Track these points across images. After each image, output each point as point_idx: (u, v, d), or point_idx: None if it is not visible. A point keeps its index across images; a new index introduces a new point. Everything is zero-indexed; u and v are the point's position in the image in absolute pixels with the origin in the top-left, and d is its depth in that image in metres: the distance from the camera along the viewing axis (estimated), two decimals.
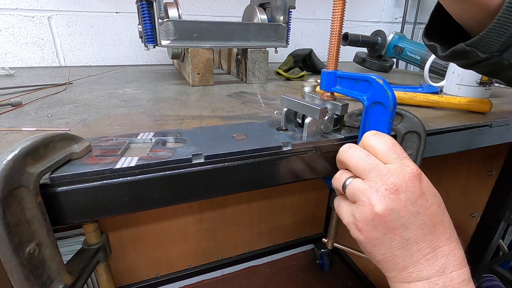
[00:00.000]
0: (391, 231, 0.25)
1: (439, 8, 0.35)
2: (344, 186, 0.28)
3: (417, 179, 0.25)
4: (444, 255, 0.25)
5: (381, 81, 0.28)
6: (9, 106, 0.44)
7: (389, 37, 0.87)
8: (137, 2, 0.56)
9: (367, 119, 0.30)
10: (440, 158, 0.86)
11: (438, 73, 0.77)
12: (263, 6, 0.72)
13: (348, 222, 0.28)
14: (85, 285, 0.93)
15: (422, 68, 0.76)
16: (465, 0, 0.29)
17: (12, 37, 0.85)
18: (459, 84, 0.59)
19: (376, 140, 0.27)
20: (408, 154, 0.32)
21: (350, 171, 0.29)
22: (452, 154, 0.67)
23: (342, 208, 0.29)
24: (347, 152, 0.29)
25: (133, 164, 0.24)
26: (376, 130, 0.29)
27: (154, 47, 0.57)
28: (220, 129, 0.34)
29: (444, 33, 0.35)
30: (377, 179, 0.26)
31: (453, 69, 0.60)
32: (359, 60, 0.95)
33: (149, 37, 0.56)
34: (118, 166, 0.24)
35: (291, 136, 0.32)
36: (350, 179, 0.28)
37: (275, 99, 0.53)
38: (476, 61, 0.31)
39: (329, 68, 0.32)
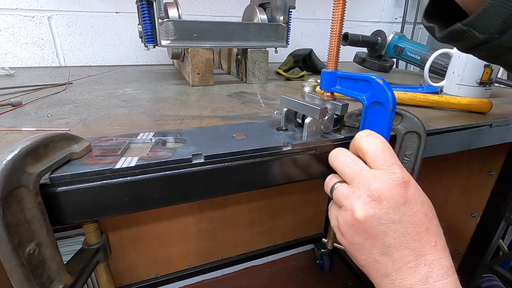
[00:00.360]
0: (371, 237, 0.25)
1: None
2: (331, 190, 0.29)
3: (401, 187, 0.25)
4: (428, 264, 0.25)
5: (380, 81, 0.28)
6: (9, 106, 0.44)
7: (389, 37, 0.87)
8: (137, 2, 0.56)
9: (367, 119, 0.30)
10: (440, 158, 0.86)
11: (438, 73, 0.77)
12: (263, 6, 0.72)
13: (333, 225, 0.29)
14: (85, 285, 0.93)
15: (422, 68, 0.76)
16: None
17: (12, 37, 0.85)
18: (459, 84, 0.59)
19: (367, 142, 0.27)
20: (408, 154, 0.32)
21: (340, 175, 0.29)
22: (452, 154, 0.67)
23: (331, 211, 0.30)
24: (335, 157, 0.29)
25: (133, 164, 0.24)
26: (375, 130, 0.29)
27: (154, 47, 0.57)
28: (220, 129, 0.34)
29: (444, 15, 0.34)
30: (360, 185, 0.26)
31: (453, 69, 0.60)
32: (359, 60, 0.95)
33: (149, 37, 0.56)
34: (118, 166, 0.24)
35: (291, 136, 0.32)
36: (338, 184, 0.28)
37: (275, 99, 0.53)
38: (474, 43, 0.30)
39: (329, 68, 0.32)
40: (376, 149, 0.26)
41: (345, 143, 0.33)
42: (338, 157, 0.29)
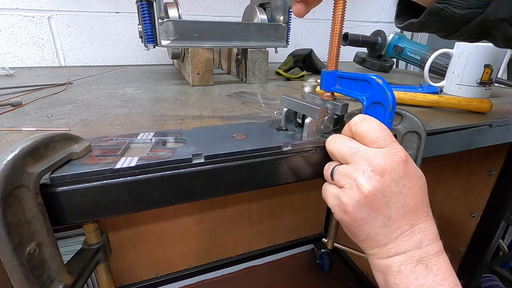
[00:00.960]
0: (375, 210, 0.26)
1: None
2: (332, 174, 0.29)
3: (401, 161, 0.26)
4: (421, 231, 0.27)
5: (380, 81, 0.28)
6: (9, 106, 0.44)
7: (389, 37, 0.87)
8: (137, 2, 0.56)
9: None
10: (440, 158, 0.86)
11: (438, 73, 0.77)
12: (263, 6, 0.72)
13: (333, 205, 0.29)
14: (85, 285, 0.93)
15: (422, 68, 0.76)
16: None
17: (12, 37, 0.85)
18: (459, 84, 0.59)
19: (365, 126, 0.28)
20: (408, 154, 0.32)
21: (338, 160, 0.30)
22: (452, 154, 0.67)
23: (328, 191, 0.30)
24: (331, 142, 0.30)
25: (133, 164, 0.24)
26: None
27: (154, 47, 0.57)
28: (220, 129, 0.34)
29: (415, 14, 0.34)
30: (362, 161, 0.27)
31: (453, 69, 0.60)
32: (359, 60, 0.95)
33: (149, 37, 0.56)
34: (118, 166, 0.24)
35: (291, 136, 0.32)
36: (337, 166, 0.29)
37: (275, 99, 0.53)
38: (456, 24, 0.29)
39: (329, 68, 0.32)
40: (375, 131, 0.27)
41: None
42: (335, 140, 0.29)
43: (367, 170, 0.26)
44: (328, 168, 0.30)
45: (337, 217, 0.29)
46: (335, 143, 0.29)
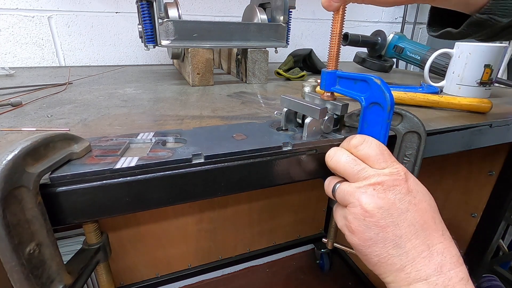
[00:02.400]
0: (383, 229, 0.26)
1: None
2: (333, 191, 0.29)
3: (402, 178, 0.26)
4: (440, 253, 0.25)
5: (378, 82, 0.28)
6: (9, 106, 0.44)
7: (389, 37, 0.87)
8: (137, 2, 0.56)
9: (365, 119, 0.30)
10: (440, 158, 0.86)
11: (438, 73, 0.77)
12: (263, 6, 0.72)
13: (341, 226, 0.29)
14: (85, 285, 0.93)
15: (422, 68, 0.76)
16: None
17: (12, 37, 0.85)
18: (459, 84, 0.59)
19: (367, 149, 0.28)
20: (408, 154, 0.32)
21: (339, 175, 0.30)
22: (452, 154, 0.67)
23: (336, 212, 0.30)
24: (334, 158, 0.29)
25: (133, 164, 0.24)
26: (373, 131, 0.29)
27: (154, 47, 0.57)
28: (220, 129, 0.34)
29: (449, 23, 0.35)
30: (364, 181, 0.27)
31: (453, 69, 0.60)
32: (359, 60, 0.95)
33: (149, 37, 0.56)
34: (118, 166, 0.24)
35: (291, 136, 0.32)
36: (339, 184, 0.29)
37: (275, 99, 0.53)
38: (498, 30, 0.29)
39: (329, 68, 0.32)
40: (377, 153, 0.27)
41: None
42: (337, 157, 0.29)
43: (369, 189, 0.26)
44: (328, 184, 0.30)
45: (348, 239, 0.29)
46: (340, 160, 0.29)
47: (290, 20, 0.67)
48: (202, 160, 0.27)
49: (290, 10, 0.65)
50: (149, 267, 1.07)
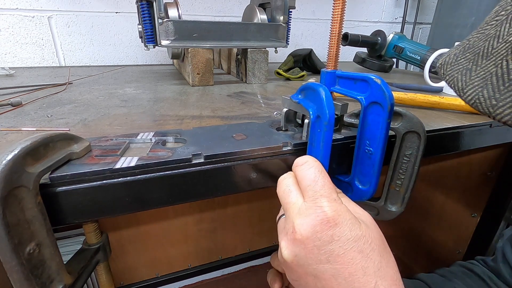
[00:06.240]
0: (303, 277, 0.24)
1: None
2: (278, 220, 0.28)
3: (326, 223, 0.22)
4: None
5: (379, 81, 0.28)
6: (9, 106, 0.44)
7: (389, 37, 0.87)
8: (137, 2, 0.56)
9: (365, 119, 0.30)
10: (440, 158, 0.86)
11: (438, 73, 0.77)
12: (263, 6, 0.72)
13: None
14: (85, 285, 0.93)
15: (422, 68, 0.76)
16: None
17: (12, 37, 0.85)
18: None
19: (301, 172, 0.25)
20: (408, 154, 0.32)
21: None
22: (452, 154, 0.67)
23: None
24: (279, 185, 0.27)
25: (133, 164, 0.24)
26: (373, 131, 0.29)
27: (154, 47, 0.57)
28: (220, 129, 0.34)
29: None
30: (289, 220, 0.24)
31: None
32: (359, 60, 0.95)
33: (149, 37, 0.56)
34: (118, 166, 0.24)
35: (291, 136, 0.32)
36: (282, 216, 0.28)
37: (275, 99, 0.53)
38: None
39: (329, 68, 0.32)
40: (309, 179, 0.25)
41: (345, 143, 0.33)
42: (280, 185, 0.27)
43: (289, 231, 0.24)
44: (280, 211, 0.29)
45: None
46: (280, 189, 0.27)
47: (290, 20, 0.67)
48: (202, 160, 0.27)
49: (290, 10, 0.65)
50: (149, 267, 1.07)
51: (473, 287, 0.39)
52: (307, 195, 0.24)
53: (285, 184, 0.27)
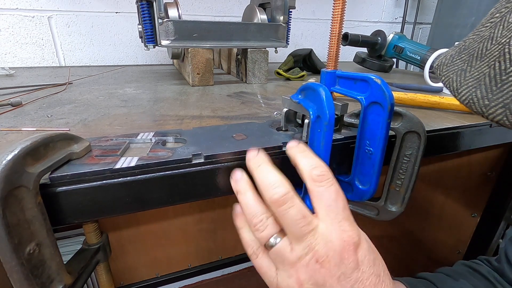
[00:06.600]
0: None
1: None
2: (268, 245, 0.24)
3: (353, 248, 0.22)
4: None
5: (379, 81, 0.28)
6: (9, 106, 0.44)
7: (389, 37, 0.87)
8: (137, 2, 0.56)
9: (365, 119, 0.30)
10: (440, 158, 0.86)
11: None
12: (263, 6, 0.72)
13: (269, 282, 0.26)
14: (85, 285, 0.93)
15: (422, 68, 0.76)
16: None
17: (12, 37, 0.85)
18: None
19: (321, 189, 0.23)
20: (408, 154, 0.32)
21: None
22: (452, 154, 0.67)
23: (262, 261, 0.26)
24: (284, 208, 0.22)
25: (133, 164, 0.24)
26: (373, 131, 0.29)
27: (154, 47, 0.57)
28: (220, 129, 0.34)
29: None
30: (306, 249, 0.22)
31: None
32: (359, 60, 0.95)
33: (149, 37, 0.56)
34: (118, 166, 0.24)
35: (291, 136, 0.32)
36: (278, 239, 0.24)
37: (275, 99, 0.53)
38: None
39: (329, 68, 0.32)
40: (329, 198, 0.23)
41: (345, 143, 0.33)
42: (286, 207, 0.22)
43: (312, 261, 0.22)
44: (262, 233, 0.25)
45: None
46: (287, 212, 0.23)
47: (290, 20, 0.67)
48: (202, 160, 0.27)
49: (290, 10, 0.65)
50: (149, 267, 1.07)
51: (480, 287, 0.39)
52: (329, 217, 0.22)
53: (294, 207, 0.23)
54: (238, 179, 0.26)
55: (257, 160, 0.25)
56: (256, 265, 0.27)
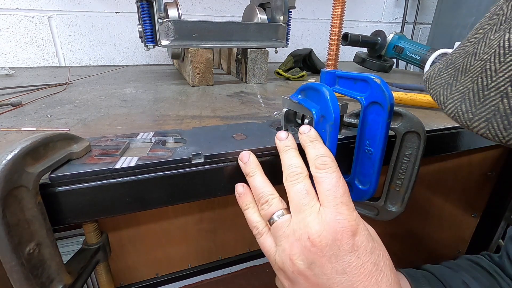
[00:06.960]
0: (313, 286, 0.23)
1: None
2: (272, 221, 0.25)
3: (349, 232, 0.22)
4: None
5: (379, 81, 0.28)
6: (9, 106, 0.44)
7: (389, 37, 0.87)
8: (137, 2, 0.56)
9: (365, 119, 0.30)
10: (440, 158, 0.86)
11: None
12: (263, 6, 0.72)
13: (271, 261, 0.26)
14: (85, 285, 0.93)
15: (422, 68, 0.76)
16: None
17: (12, 37, 0.85)
18: None
19: (323, 174, 0.24)
20: (408, 154, 0.32)
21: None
22: (452, 154, 0.67)
23: (265, 240, 0.27)
24: (291, 181, 0.25)
25: (132, 164, 0.24)
26: (373, 131, 0.29)
27: (154, 47, 0.57)
28: (220, 129, 0.34)
29: None
30: (302, 223, 0.23)
31: None
32: (359, 60, 0.95)
33: (149, 37, 0.56)
34: (117, 166, 0.24)
35: None
36: (281, 216, 0.25)
37: (275, 99, 0.53)
38: None
39: (329, 68, 0.32)
40: (329, 183, 0.24)
41: (345, 143, 0.32)
42: (293, 182, 0.25)
43: (304, 237, 0.23)
44: (268, 207, 0.26)
45: (278, 277, 0.26)
46: (292, 185, 0.25)
47: (290, 20, 0.67)
48: (202, 160, 0.27)
49: (290, 10, 0.65)
50: (149, 267, 1.07)
51: (480, 279, 0.39)
52: (327, 200, 0.23)
53: (302, 183, 0.25)
54: (247, 161, 0.27)
55: (288, 143, 0.27)
56: (260, 243, 0.28)
